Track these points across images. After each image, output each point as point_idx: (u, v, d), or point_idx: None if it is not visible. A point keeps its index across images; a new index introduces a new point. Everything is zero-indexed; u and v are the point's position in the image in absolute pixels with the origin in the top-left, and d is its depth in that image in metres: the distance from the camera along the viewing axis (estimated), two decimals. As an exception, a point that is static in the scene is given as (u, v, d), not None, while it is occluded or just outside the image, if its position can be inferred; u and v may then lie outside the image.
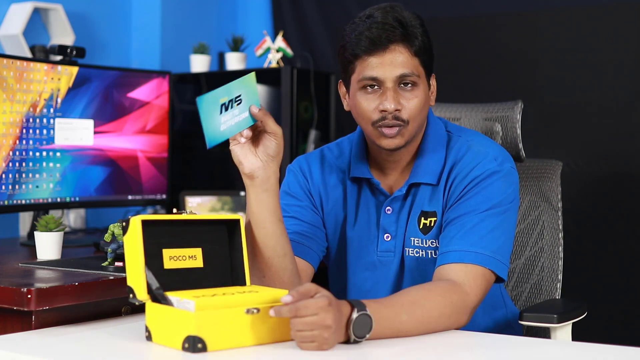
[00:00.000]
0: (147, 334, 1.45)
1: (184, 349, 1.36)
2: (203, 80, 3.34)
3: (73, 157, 2.58)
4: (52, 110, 2.50)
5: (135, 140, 2.79)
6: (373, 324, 1.45)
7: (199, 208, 2.95)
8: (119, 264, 1.84)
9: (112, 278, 1.76)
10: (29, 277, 1.81)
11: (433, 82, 1.80)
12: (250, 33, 3.66)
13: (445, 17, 3.18)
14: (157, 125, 2.85)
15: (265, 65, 3.25)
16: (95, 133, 2.65)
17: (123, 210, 3.17)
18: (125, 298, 1.46)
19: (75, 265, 1.91)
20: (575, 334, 1.92)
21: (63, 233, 2.10)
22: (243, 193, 2.96)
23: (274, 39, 3.31)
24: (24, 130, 2.42)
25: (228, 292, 1.46)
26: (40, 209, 2.51)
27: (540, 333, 2.05)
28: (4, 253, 2.36)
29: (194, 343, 1.35)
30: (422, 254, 1.77)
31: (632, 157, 2.92)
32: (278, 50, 3.22)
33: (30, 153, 2.44)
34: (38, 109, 2.45)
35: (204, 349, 1.36)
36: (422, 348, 1.48)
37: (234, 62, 3.39)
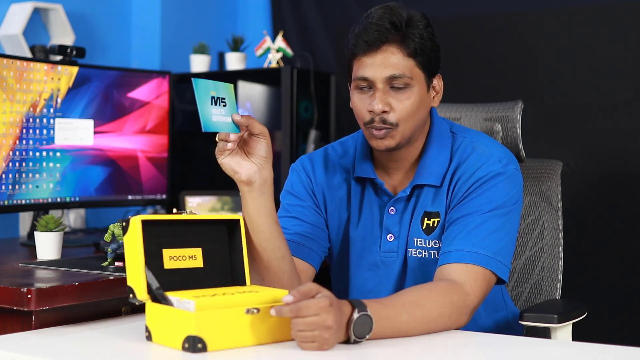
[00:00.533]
0: (147, 334, 1.45)
1: (184, 349, 1.36)
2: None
3: (73, 157, 2.58)
4: (52, 110, 2.50)
5: (135, 140, 2.79)
6: (373, 324, 1.45)
7: (199, 208, 2.95)
8: (119, 264, 1.84)
9: (112, 278, 1.76)
10: (29, 277, 1.81)
11: (438, 82, 1.79)
12: (250, 33, 3.66)
13: (445, 17, 3.18)
14: (157, 125, 2.85)
15: (265, 65, 3.25)
16: (95, 133, 2.65)
17: (123, 210, 3.17)
18: (125, 298, 1.46)
19: (75, 265, 1.91)
20: (575, 334, 1.92)
21: (63, 233, 2.10)
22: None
23: (274, 39, 3.31)
24: (24, 130, 2.42)
25: (228, 292, 1.46)
26: (40, 209, 2.51)
27: (541, 333, 2.05)
28: (4, 253, 2.36)
29: (194, 343, 1.35)
30: (425, 255, 1.77)
31: (632, 157, 2.92)
32: (278, 50, 3.22)
33: (30, 153, 2.44)
34: (38, 109, 2.45)
35: (204, 349, 1.36)
36: (422, 348, 1.48)
37: (234, 62, 3.39)
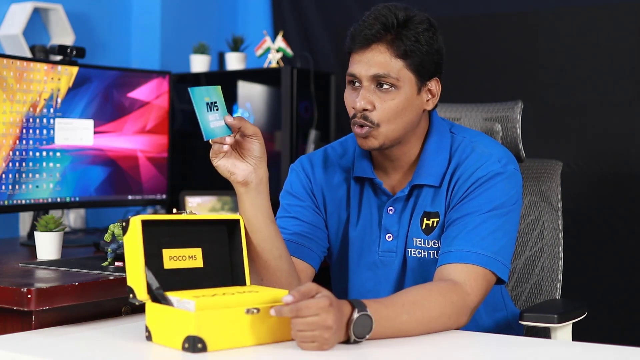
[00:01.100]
0: (147, 334, 1.45)
1: (184, 349, 1.36)
2: (203, 81, 3.34)
3: (73, 157, 2.58)
4: (52, 110, 2.50)
5: (135, 140, 2.79)
6: (373, 325, 1.45)
7: (199, 208, 2.95)
8: (119, 264, 1.84)
9: (112, 278, 1.76)
10: (29, 277, 1.81)
11: (435, 86, 1.77)
12: (250, 33, 3.66)
13: (445, 17, 3.18)
14: (157, 125, 2.85)
15: (265, 65, 3.25)
16: (95, 133, 2.65)
17: (123, 210, 3.17)
18: (125, 298, 1.47)
19: (75, 265, 1.91)
20: (575, 334, 1.92)
21: (63, 233, 2.10)
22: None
23: (274, 39, 3.31)
24: (24, 130, 2.42)
25: (228, 292, 1.46)
26: (40, 209, 2.51)
27: (541, 333, 2.05)
28: (4, 253, 2.36)
29: (194, 343, 1.35)
30: (424, 255, 1.77)
31: (632, 157, 2.92)
32: (278, 50, 3.22)
33: (30, 153, 2.44)
34: (38, 109, 2.45)
35: (204, 349, 1.36)
36: (422, 348, 1.48)
37: (234, 62, 3.39)
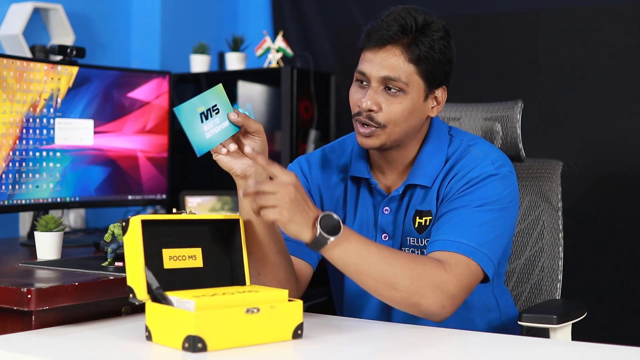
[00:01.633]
0: (147, 334, 1.45)
1: (184, 349, 1.36)
2: (203, 80, 3.34)
3: (73, 157, 2.58)
4: (52, 110, 2.50)
5: (135, 140, 2.79)
6: (341, 227, 1.50)
7: (199, 208, 2.95)
8: (119, 264, 1.84)
9: (112, 278, 1.76)
10: (29, 277, 1.81)
11: (442, 94, 1.77)
12: (250, 33, 3.66)
13: (445, 17, 3.17)
14: (157, 125, 2.85)
15: (265, 65, 3.25)
16: (95, 133, 2.65)
17: (123, 210, 3.17)
18: (125, 298, 1.47)
19: (75, 265, 1.91)
20: (575, 334, 1.91)
21: (63, 233, 2.10)
22: (243, 193, 2.95)
23: (274, 39, 3.31)
24: (24, 130, 2.42)
25: (228, 292, 1.46)
26: (40, 209, 2.51)
27: (540, 334, 2.05)
28: (4, 253, 2.36)
29: (194, 343, 1.35)
30: (418, 254, 1.77)
31: (632, 157, 2.92)
32: (278, 50, 3.22)
33: (30, 153, 2.44)
34: (38, 109, 2.45)
35: (204, 349, 1.36)
36: (420, 347, 1.48)
37: (234, 62, 3.39)
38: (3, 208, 2.38)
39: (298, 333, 1.47)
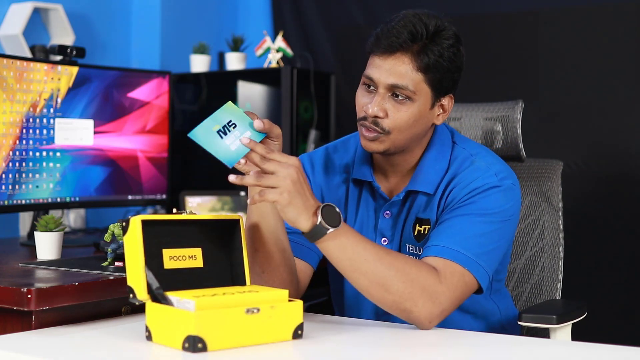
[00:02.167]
0: (147, 334, 1.45)
1: (184, 349, 1.36)
2: (203, 80, 3.34)
3: (73, 157, 2.58)
4: (52, 110, 2.50)
5: (135, 140, 2.79)
6: (341, 220, 1.51)
7: (199, 208, 2.95)
8: (119, 264, 1.84)
9: (112, 278, 1.76)
10: (29, 277, 1.81)
11: (448, 103, 1.76)
12: (250, 33, 3.66)
13: (445, 17, 3.18)
14: (157, 125, 2.85)
15: (265, 65, 3.25)
16: (95, 133, 2.65)
17: (123, 210, 3.16)
18: (125, 298, 1.46)
19: (75, 265, 1.91)
20: (575, 334, 1.91)
21: (63, 233, 2.10)
22: (243, 193, 2.96)
23: (274, 39, 3.31)
24: (24, 130, 2.42)
25: (228, 292, 1.46)
26: (40, 209, 2.50)
27: (540, 334, 2.05)
28: (4, 253, 2.36)
29: (194, 343, 1.35)
30: None
31: (632, 157, 2.92)
32: (278, 50, 3.22)
33: (30, 153, 2.44)
34: (38, 109, 2.45)
35: (204, 349, 1.36)
36: (419, 347, 1.48)
37: (234, 62, 3.39)
38: (3, 208, 2.38)
39: (298, 333, 1.47)
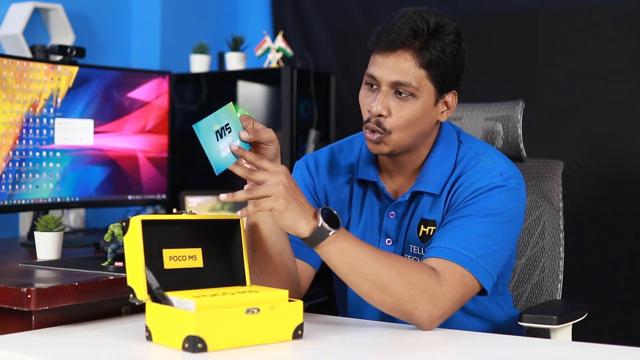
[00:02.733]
0: (147, 334, 1.45)
1: (184, 349, 1.36)
2: (203, 80, 3.34)
3: (73, 157, 2.58)
4: (52, 110, 2.50)
5: (135, 140, 2.78)
6: (341, 224, 1.51)
7: (199, 208, 2.95)
8: (119, 264, 1.84)
9: (112, 278, 1.76)
10: (29, 277, 1.81)
11: (452, 99, 1.75)
12: (250, 33, 3.66)
13: (445, 17, 3.18)
14: (157, 125, 2.85)
15: (265, 65, 3.25)
16: (95, 133, 2.65)
17: (123, 210, 3.17)
18: (125, 298, 1.46)
19: (75, 265, 1.91)
20: (576, 334, 1.91)
21: (63, 233, 2.10)
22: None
23: (274, 39, 3.31)
24: (24, 130, 2.42)
25: (228, 292, 1.46)
26: (40, 209, 2.50)
27: (541, 334, 2.05)
28: (4, 253, 2.36)
29: (194, 343, 1.35)
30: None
31: (632, 157, 2.92)
32: (278, 50, 3.22)
33: (30, 153, 2.44)
34: (38, 109, 2.45)
35: (204, 349, 1.35)
36: (420, 347, 1.48)
37: (234, 62, 3.39)
38: (3, 208, 2.38)
39: (298, 333, 1.47)
